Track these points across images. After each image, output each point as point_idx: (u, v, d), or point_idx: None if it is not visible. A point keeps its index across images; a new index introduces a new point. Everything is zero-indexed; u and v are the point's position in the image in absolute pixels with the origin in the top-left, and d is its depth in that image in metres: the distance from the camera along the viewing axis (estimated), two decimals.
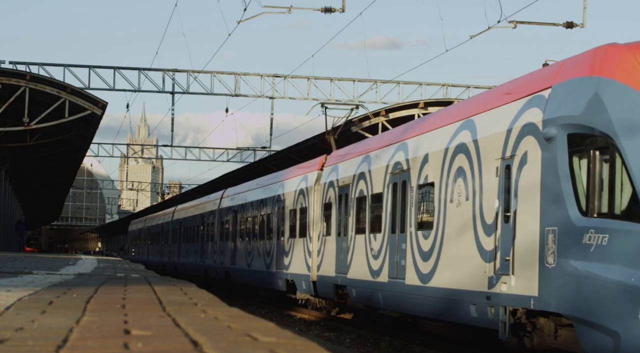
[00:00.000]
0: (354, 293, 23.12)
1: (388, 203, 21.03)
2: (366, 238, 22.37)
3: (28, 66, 46.27)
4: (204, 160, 71.30)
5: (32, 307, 6.60)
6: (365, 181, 22.78)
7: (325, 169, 27.09)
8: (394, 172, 20.75)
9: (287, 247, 29.85)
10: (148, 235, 66.95)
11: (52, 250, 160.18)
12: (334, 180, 25.55)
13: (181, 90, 49.85)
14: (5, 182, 59.72)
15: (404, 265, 19.56)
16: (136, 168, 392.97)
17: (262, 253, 33.18)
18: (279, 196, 31.42)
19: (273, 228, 31.80)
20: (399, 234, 20.20)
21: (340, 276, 24.28)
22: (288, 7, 35.61)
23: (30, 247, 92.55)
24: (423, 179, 19.00)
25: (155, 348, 4.03)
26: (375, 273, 21.41)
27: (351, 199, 23.72)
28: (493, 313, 15.42)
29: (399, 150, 20.67)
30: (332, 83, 50.87)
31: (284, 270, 29.91)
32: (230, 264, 38.61)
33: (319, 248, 26.55)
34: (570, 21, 36.32)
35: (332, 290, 25.09)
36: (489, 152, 16.06)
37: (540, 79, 15.05)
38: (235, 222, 38.18)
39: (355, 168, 23.75)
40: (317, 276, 26.51)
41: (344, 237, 24.18)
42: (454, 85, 51.54)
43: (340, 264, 24.35)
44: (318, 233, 26.79)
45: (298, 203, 28.96)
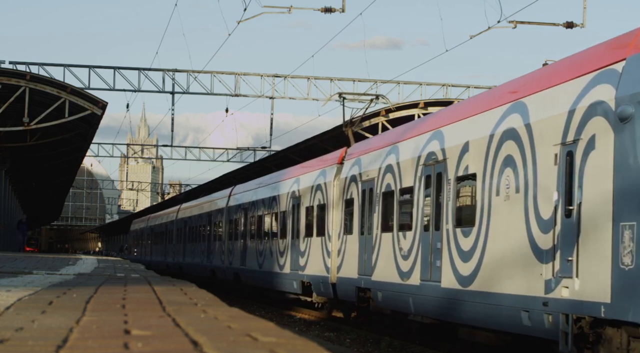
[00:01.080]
0: (379, 297, 21.25)
1: (420, 198, 19.22)
2: (394, 237, 20.59)
3: (28, 66, 46.27)
4: (204, 160, 71.34)
5: (32, 307, 6.60)
6: (392, 174, 20.93)
7: (345, 163, 25.14)
8: (427, 163, 18.85)
9: (303, 247, 28.06)
10: (151, 234, 65.44)
11: (52, 250, 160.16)
12: (356, 174, 23.67)
13: (181, 90, 49.86)
14: (5, 182, 59.72)
15: (440, 267, 17.71)
16: (136, 168, 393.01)
17: (274, 254, 31.34)
18: (293, 193, 29.63)
19: (287, 226, 29.99)
20: (433, 232, 18.35)
21: (363, 278, 22.44)
22: (288, 7, 35.60)
23: (30, 247, 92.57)
24: (462, 170, 17.13)
25: (155, 348, 4.03)
26: (404, 276, 19.67)
27: (376, 194, 21.88)
28: (551, 322, 13.60)
29: (433, 139, 18.79)
30: (332, 83, 50.87)
31: (299, 272, 28.19)
32: (239, 265, 36.95)
33: (339, 248, 24.73)
34: (570, 21, 36.32)
35: (354, 293, 23.19)
36: (545, 137, 14.17)
37: (609, 50, 13.26)
38: (245, 220, 36.43)
39: (381, 160, 21.84)
40: (337, 278, 24.71)
41: (368, 236, 22.34)
42: (454, 85, 51.55)
43: (363, 265, 22.53)
44: (338, 231, 24.97)
45: (315, 199, 27.17)
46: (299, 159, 40.10)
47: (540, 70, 15.82)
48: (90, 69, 48.11)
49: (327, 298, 26.49)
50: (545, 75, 14.97)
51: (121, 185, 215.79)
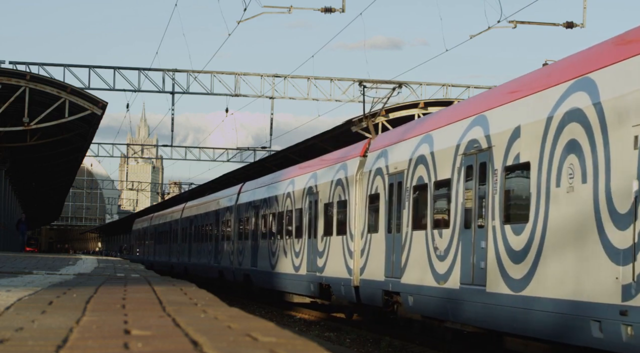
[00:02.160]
0: (410, 302, 19.35)
1: (459, 192, 17.27)
2: (428, 236, 18.72)
3: (28, 66, 46.26)
4: (204, 160, 71.34)
5: (32, 307, 6.60)
6: (425, 166, 19.03)
7: (369, 155, 23.14)
8: (468, 152, 16.87)
9: (321, 247, 26.18)
10: (154, 234, 63.37)
11: (52, 250, 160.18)
12: (382, 166, 21.74)
13: (181, 90, 49.85)
14: (5, 182, 59.71)
15: (484, 269, 15.75)
16: (136, 168, 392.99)
17: (289, 254, 29.47)
18: (310, 188, 27.75)
19: (303, 225, 28.13)
20: (476, 229, 16.38)
21: (391, 280, 20.54)
22: (288, 7, 35.60)
23: (30, 247, 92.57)
24: (512, 159, 15.14)
25: (155, 348, 4.03)
26: (441, 278, 17.74)
27: (406, 188, 20.07)
28: (630, 335, 11.74)
29: (475, 125, 16.80)
30: (332, 83, 50.87)
31: (316, 273, 26.34)
32: (250, 266, 34.91)
33: (362, 248, 22.89)
34: (570, 21, 36.32)
35: (380, 297, 21.25)
36: (621, 117, 12.30)
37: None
38: (257, 218, 34.47)
39: (412, 151, 19.92)
40: (360, 280, 22.84)
41: (397, 234, 20.45)
42: (454, 85, 51.52)
43: (391, 266, 20.62)
44: (361, 229, 23.11)
45: (335, 195, 25.27)
46: (299, 159, 40.10)
47: (605, 42, 13.73)
48: (90, 69, 48.10)
49: (348, 302, 24.72)
50: (617, 46, 13.06)
51: (121, 185, 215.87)
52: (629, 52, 12.51)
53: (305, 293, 27.87)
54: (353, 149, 25.08)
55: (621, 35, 13.29)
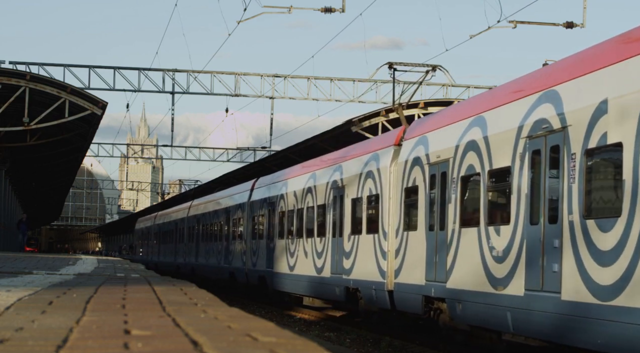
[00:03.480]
0: (458, 309, 17.04)
1: (522, 182, 14.88)
2: (481, 233, 16.29)
3: (28, 66, 46.27)
4: (204, 160, 71.37)
5: (32, 307, 6.60)
6: (477, 152, 16.59)
7: (405, 144, 20.76)
8: (534, 134, 14.50)
9: (348, 247, 23.89)
10: (159, 233, 60.97)
11: (52, 250, 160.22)
12: (421, 156, 19.41)
13: (181, 90, 49.87)
14: (5, 182, 59.72)
15: (559, 272, 13.48)
16: (136, 168, 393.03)
17: (310, 254, 27.14)
18: (334, 182, 25.35)
19: (327, 222, 25.82)
20: (546, 225, 14.01)
21: (434, 285, 18.19)
22: (288, 7, 35.61)
23: (30, 247, 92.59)
24: (597, 140, 12.80)
25: (155, 348, 4.03)
26: (499, 283, 15.43)
27: (452, 179, 17.74)
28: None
29: (543, 102, 14.45)
30: (332, 83, 50.88)
31: (342, 276, 24.03)
32: (265, 267, 32.42)
33: (397, 247, 20.50)
34: (570, 21, 36.34)
35: (420, 303, 18.96)
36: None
37: None
38: (272, 216, 31.97)
39: (459, 136, 17.52)
40: (394, 284, 20.54)
41: (440, 232, 18.15)
42: (454, 85, 51.55)
43: (433, 269, 18.28)
44: (396, 227, 20.73)
45: (364, 189, 22.91)
46: (299, 159, 40.10)
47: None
48: (90, 69, 48.12)
49: (378, 308, 22.39)
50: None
51: (121, 185, 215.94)
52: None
53: (329, 298, 25.69)
54: (385, 138, 22.80)
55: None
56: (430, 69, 25.15)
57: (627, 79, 12.33)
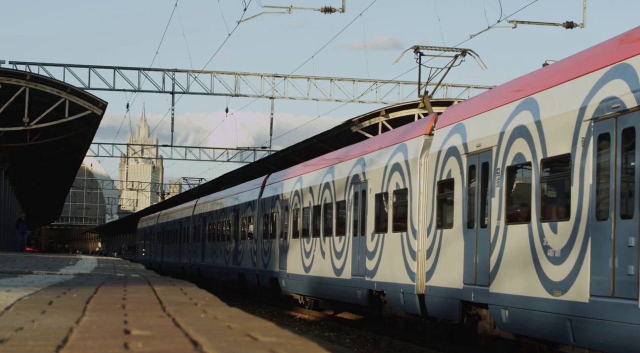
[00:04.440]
0: (503, 317, 15.24)
1: (586, 170, 13.05)
2: (532, 230, 14.42)
3: (28, 66, 46.30)
4: (204, 160, 71.44)
5: (32, 307, 6.60)
6: (528, 139, 14.77)
7: (437, 133, 18.91)
8: (601, 116, 12.75)
9: (371, 246, 22.06)
10: (162, 233, 59.15)
11: (52, 250, 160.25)
12: (457, 145, 17.58)
13: (181, 90, 49.89)
14: (5, 182, 59.73)
15: (635, 275, 11.78)
16: (136, 168, 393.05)
17: (328, 254, 25.30)
18: (355, 177, 23.52)
19: (347, 220, 23.96)
20: (618, 221, 12.25)
21: (474, 289, 16.34)
22: (288, 7, 35.60)
23: (30, 247, 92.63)
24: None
25: (155, 348, 4.03)
26: (556, 287, 13.71)
27: (496, 170, 15.91)
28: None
29: (613, 78, 12.68)
30: (332, 83, 50.90)
31: (365, 278, 22.18)
32: (278, 268, 30.70)
33: (429, 247, 18.73)
34: (570, 21, 36.34)
35: (457, 308, 17.13)
36: None
37: None
38: (286, 213, 30.17)
39: (504, 121, 15.71)
40: (426, 287, 18.74)
41: (482, 230, 16.30)
42: (453, 85, 51.57)
43: (473, 271, 16.42)
44: (428, 224, 18.99)
45: (390, 183, 21.11)
46: (299, 159, 40.11)
47: None
48: (90, 69, 48.14)
49: (405, 313, 20.62)
50: None
51: (121, 185, 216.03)
52: None
53: (350, 301, 23.64)
54: (414, 127, 20.82)
55: None
56: (459, 53, 23.52)
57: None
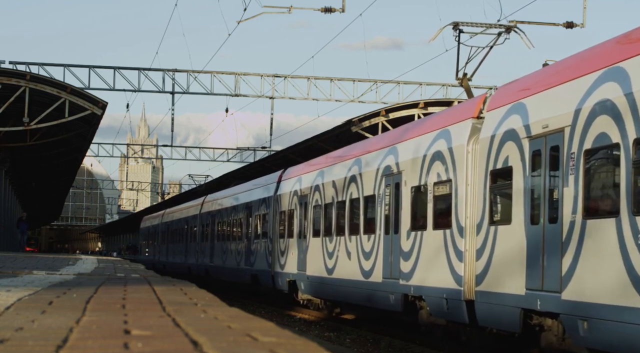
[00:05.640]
0: (581, 329, 12.95)
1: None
2: (622, 226, 12.22)
3: (28, 66, 46.30)
4: (204, 160, 71.47)
5: (32, 307, 6.60)
6: (614, 116, 12.51)
7: (489, 115, 16.63)
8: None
9: (406, 245, 19.82)
10: (167, 232, 57.30)
11: (52, 250, 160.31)
12: (517, 128, 15.28)
13: (181, 90, 49.89)
14: (5, 182, 59.73)
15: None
16: (136, 168, 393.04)
17: (355, 255, 23.13)
18: (387, 168, 21.25)
19: (377, 216, 21.82)
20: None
21: (540, 295, 14.09)
22: (288, 7, 35.60)
23: (30, 247, 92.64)
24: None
25: (155, 348, 4.03)
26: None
27: (569, 155, 13.61)
28: None
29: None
30: (332, 83, 50.91)
31: (399, 281, 19.97)
32: (297, 269, 28.61)
33: (480, 246, 16.37)
34: (570, 21, 36.34)
35: (518, 318, 14.78)
36: None
37: None
38: (305, 210, 28.06)
39: (581, 97, 13.49)
40: (476, 292, 16.45)
41: (551, 225, 14.00)
42: (453, 85, 51.55)
43: (540, 274, 14.17)
44: (478, 220, 16.57)
45: (430, 174, 18.78)
46: (299, 159, 40.11)
47: None
48: (90, 69, 48.14)
49: (449, 321, 18.26)
50: None
51: (121, 185, 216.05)
52: None
53: (380, 307, 21.40)
54: (459, 110, 18.66)
55: None
56: (503, 30, 21.50)
57: None
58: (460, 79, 22.08)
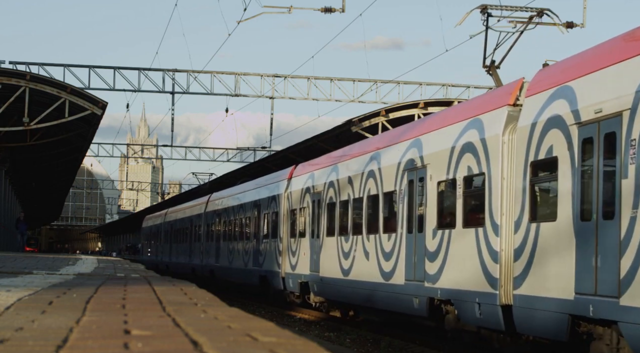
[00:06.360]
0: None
1: None
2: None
3: (28, 66, 46.31)
4: (204, 160, 71.53)
5: (32, 307, 6.60)
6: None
7: (528, 101, 15.13)
8: None
9: (432, 245, 18.38)
10: (170, 231, 56.01)
11: (52, 250, 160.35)
12: (563, 114, 13.80)
13: (181, 90, 49.90)
14: (5, 182, 59.73)
15: None
16: (136, 168, 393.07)
17: (374, 255, 21.76)
18: (410, 162, 19.89)
19: (399, 214, 20.38)
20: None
21: (594, 300, 12.64)
22: (288, 7, 35.59)
23: (30, 247, 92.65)
24: None
25: (155, 348, 4.03)
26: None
27: (628, 143, 12.17)
28: None
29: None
30: (332, 83, 50.91)
31: (424, 283, 18.59)
32: (309, 270, 27.27)
33: (519, 246, 14.97)
34: (570, 21, 36.34)
35: (565, 325, 13.34)
36: None
37: None
38: (318, 208, 26.70)
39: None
40: (514, 296, 15.06)
41: (605, 222, 12.56)
42: (453, 85, 51.56)
43: (593, 277, 12.73)
44: (516, 217, 15.16)
45: (460, 167, 17.35)
46: (299, 159, 40.10)
47: None
48: (90, 69, 48.15)
49: (480, 327, 16.79)
50: None
51: (121, 185, 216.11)
52: None
53: (402, 311, 20.04)
54: (492, 97, 17.14)
55: None
56: (534, 14, 20.36)
57: None
58: (487, 66, 20.61)
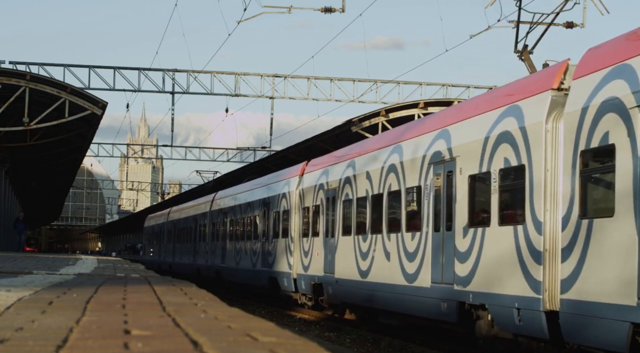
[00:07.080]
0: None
1: None
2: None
3: (28, 66, 46.30)
4: (204, 160, 71.56)
5: (32, 307, 6.60)
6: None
7: (577, 84, 13.56)
8: None
9: (463, 245, 16.92)
10: (174, 231, 54.95)
11: (52, 250, 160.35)
12: (621, 96, 12.31)
13: (181, 90, 49.90)
14: (5, 182, 59.72)
15: None
16: (136, 168, 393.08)
17: (396, 256, 20.30)
18: (436, 155, 18.38)
19: (424, 211, 18.92)
20: None
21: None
22: (288, 7, 35.59)
23: (30, 247, 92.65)
24: None
25: (155, 348, 4.03)
26: None
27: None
28: None
29: None
30: (332, 83, 50.91)
31: (454, 286, 17.10)
32: (323, 272, 25.90)
33: (567, 245, 13.40)
34: (570, 21, 36.35)
35: (626, 334, 11.92)
36: None
37: None
38: (332, 206, 25.36)
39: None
40: (561, 301, 13.55)
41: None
42: (453, 85, 51.56)
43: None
44: (564, 213, 13.54)
45: (495, 159, 15.81)
46: (299, 159, 40.10)
47: None
48: (90, 69, 48.14)
49: (519, 335, 15.48)
50: None
51: (121, 185, 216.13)
52: None
53: (427, 315, 18.59)
54: (532, 81, 15.56)
55: None
56: None
57: None
58: (520, 51, 19.46)
